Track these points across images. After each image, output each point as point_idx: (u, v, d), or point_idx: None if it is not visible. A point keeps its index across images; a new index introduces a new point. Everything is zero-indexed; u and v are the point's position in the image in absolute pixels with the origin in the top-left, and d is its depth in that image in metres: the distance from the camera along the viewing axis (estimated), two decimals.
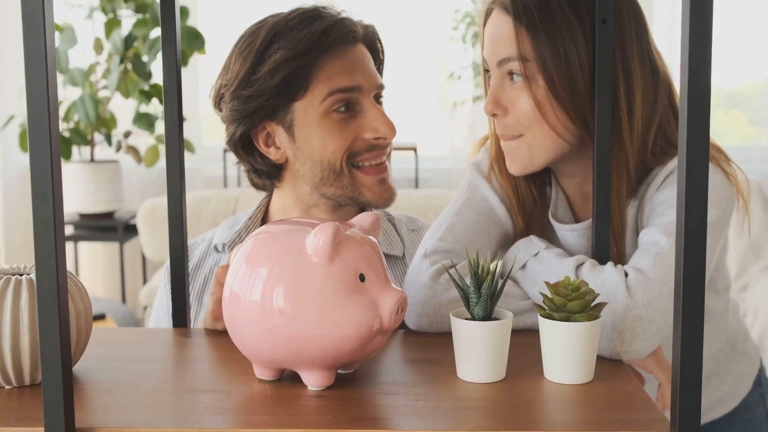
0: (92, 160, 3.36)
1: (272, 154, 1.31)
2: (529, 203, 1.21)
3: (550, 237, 1.21)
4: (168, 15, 1.10)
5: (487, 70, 1.18)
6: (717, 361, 1.27)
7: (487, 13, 1.17)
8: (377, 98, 1.31)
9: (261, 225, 1.35)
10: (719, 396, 1.29)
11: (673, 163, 1.12)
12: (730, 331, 1.28)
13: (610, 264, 1.04)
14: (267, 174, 1.34)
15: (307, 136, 1.26)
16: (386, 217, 1.41)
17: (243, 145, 1.32)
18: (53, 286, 0.72)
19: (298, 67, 1.23)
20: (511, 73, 1.13)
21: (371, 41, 1.32)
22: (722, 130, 3.79)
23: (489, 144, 1.24)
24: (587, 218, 1.18)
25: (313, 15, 1.26)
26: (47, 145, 0.70)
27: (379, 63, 1.35)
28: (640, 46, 1.13)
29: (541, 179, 1.23)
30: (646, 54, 1.14)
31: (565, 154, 1.14)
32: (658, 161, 1.14)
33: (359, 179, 1.28)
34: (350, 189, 1.28)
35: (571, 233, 1.17)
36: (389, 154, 1.33)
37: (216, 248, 1.37)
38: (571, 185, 1.22)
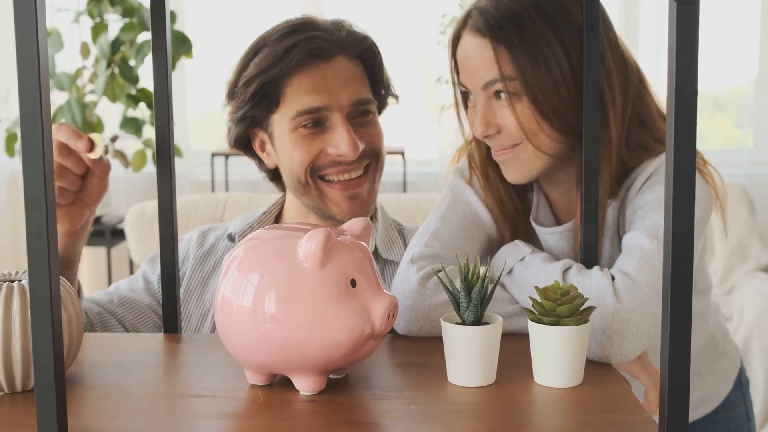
0: None
1: (265, 159, 1.37)
2: (510, 207, 1.22)
3: (532, 239, 1.21)
4: (158, 20, 1.10)
5: (465, 93, 1.18)
6: (698, 361, 1.28)
7: (456, 38, 1.16)
8: (361, 113, 1.32)
9: (275, 221, 1.42)
10: (701, 396, 1.30)
11: (651, 166, 1.13)
12: (710, 331, 1.29)
13: (596, 268, 1.05)
14: (266, 175, 1.41)
15: (281, 147, 1.31)
16: (396, 227, 1.43)
17: (242, 146, 1.38)
18: (46, 293, 0.72)
19: (265, 84, 1.27)
20: (497, 92, 1.13)
21: (364, 53, 1.33)
22: (708, 133, 3.81)
23: (469, 150, 1.25)
24: (568, 221, 1.19)
25: (289, 32, 1.28)
26: (40, 153, 0.70)
27: (375, 72, 1.35)
28: (609, 39, 1.14)
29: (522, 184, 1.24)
30: (615, 45, 1.15)
31: (557, 162, 1.15)
32: (635, 159, 1.14)
33: (326, 192, 1.31)
34: (318, 201, 1.31)
35: (552, 236, 1.18)
36: (368, 171, 1.33)
37: (230, 237, 1.40)
38: (557, 191, 1.22)
